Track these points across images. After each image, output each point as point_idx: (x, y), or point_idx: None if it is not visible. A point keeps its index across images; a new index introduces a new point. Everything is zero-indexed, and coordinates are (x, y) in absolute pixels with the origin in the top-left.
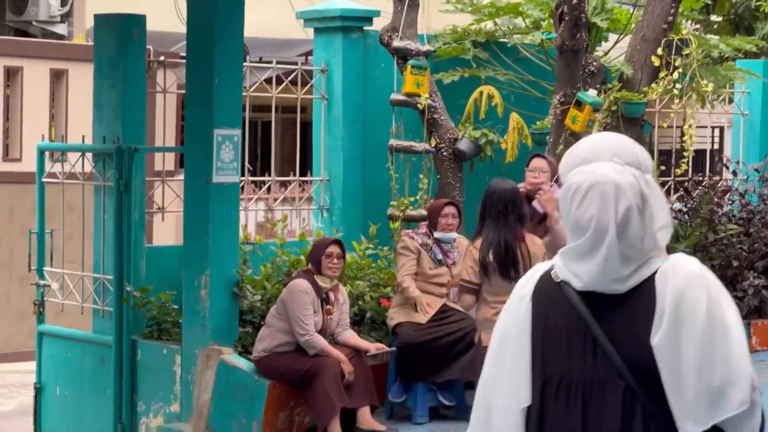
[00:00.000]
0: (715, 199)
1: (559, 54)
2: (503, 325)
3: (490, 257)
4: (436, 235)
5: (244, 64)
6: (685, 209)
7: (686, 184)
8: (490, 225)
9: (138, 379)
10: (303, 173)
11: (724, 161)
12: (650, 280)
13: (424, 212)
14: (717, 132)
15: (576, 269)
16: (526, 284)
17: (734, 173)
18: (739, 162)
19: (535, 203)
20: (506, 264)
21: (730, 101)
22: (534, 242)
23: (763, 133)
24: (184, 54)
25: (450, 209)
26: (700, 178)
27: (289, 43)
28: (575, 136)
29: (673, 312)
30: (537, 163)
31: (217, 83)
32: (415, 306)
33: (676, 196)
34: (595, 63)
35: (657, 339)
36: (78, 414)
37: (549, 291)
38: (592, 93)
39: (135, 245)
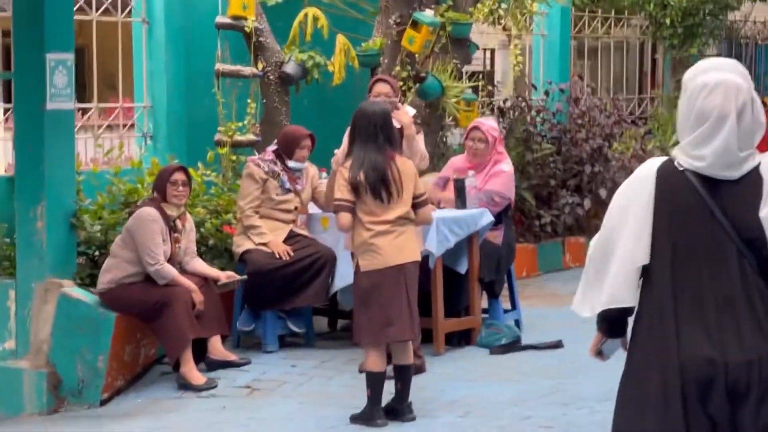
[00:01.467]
0: (528, 119)
1: None
2: (624, 197)
3: (361, 177)
4: (291, 164)
5: None
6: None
7: (502, 104)
8: (360, 146)
9: None
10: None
11: (530, 82)
12: (755, 170)
13: (252, 137)
14: (488, 54)
15: (699, 153)
16: (646, 169)
17: (546, 93)
18: (551, 82)
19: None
20: (377, 184)
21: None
22: (404, 163)
23: (561, 54)
24: None
25: (308, 141)
26: (513, 99)
27: None
28: (411, 57)
29: None
30: (381, 87)
31: (48, 4)
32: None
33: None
34: None
35: (765, 212)
36: None
37: (672, 176)
38: (429, 13)
39: None
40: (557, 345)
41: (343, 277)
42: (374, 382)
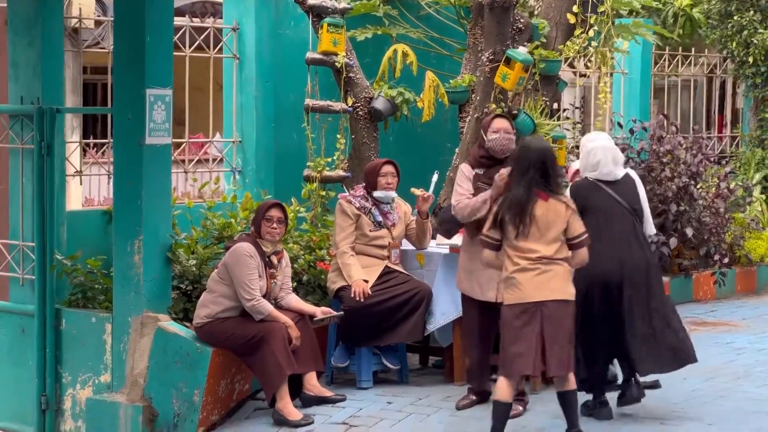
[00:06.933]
0: None
1: (489, 11)
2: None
3: (503, 212)
4: (376, 194)
5: None
6: None
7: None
8: (515, 182)
9: (63, 350)
10: None
11: (611, 119)
12: (626, 173)
13: (341, 173)
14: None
15: (598, 175)
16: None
17: (631, 131)
18: (635, 120)
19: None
20: (514, 219)
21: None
22: (555, 204)
23: (642, 92)
24: None
25: (389, 168)
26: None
27: None
28: (504, 94)
29: (639, 183)
30: (502, 123)
31: (149, 41)
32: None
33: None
34: (522, 20)
35: (639, 191)
36: None
37: (585, 184)
38: (522, 50)
39: (57, 210)
40: (654, 385)
41: (444, 314)
42: (498, 411)
